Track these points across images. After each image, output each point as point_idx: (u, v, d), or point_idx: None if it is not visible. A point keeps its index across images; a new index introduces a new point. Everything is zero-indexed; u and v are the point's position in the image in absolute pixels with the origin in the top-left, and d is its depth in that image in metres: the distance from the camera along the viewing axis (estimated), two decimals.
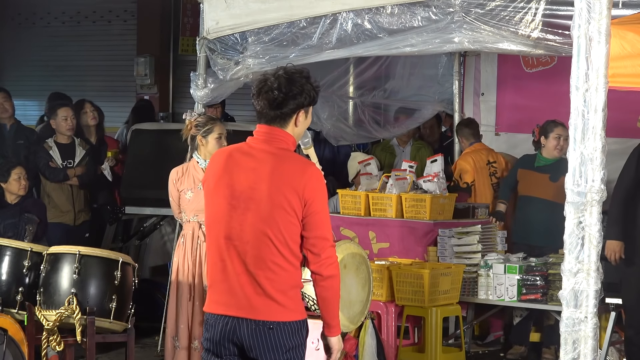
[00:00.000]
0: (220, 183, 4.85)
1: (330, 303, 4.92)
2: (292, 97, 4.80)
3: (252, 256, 4.77)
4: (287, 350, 4.78)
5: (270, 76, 4.83)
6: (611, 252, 8.08)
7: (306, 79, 4.83)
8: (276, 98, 4.79)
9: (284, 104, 4.80)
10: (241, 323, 4.77)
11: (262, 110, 4.84)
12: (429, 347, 8.67)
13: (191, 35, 14.70)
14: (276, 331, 4.76)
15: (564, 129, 9.50)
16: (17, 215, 9.17)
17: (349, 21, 8.35)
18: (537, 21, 7.64)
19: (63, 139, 10.54)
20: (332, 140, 11.70)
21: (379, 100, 11.92)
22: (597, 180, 5.54)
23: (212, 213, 4.88)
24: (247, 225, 4.77)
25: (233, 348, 4.80)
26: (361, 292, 7.29)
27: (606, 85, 5.54)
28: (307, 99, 4.84)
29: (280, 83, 4.78)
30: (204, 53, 9.20)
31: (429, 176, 9.62)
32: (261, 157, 4.81)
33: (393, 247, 9.52)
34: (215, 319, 4.82)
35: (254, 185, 4.78)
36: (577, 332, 5.55)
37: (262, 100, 4.82)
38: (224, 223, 4.82)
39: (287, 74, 4.81)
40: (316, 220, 4.79)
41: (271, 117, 4.84)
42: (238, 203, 4.79)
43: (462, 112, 11.38)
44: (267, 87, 4.80)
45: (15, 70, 17.13)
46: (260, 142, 4.86)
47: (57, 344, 7.30)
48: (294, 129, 4.87)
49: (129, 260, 7.59)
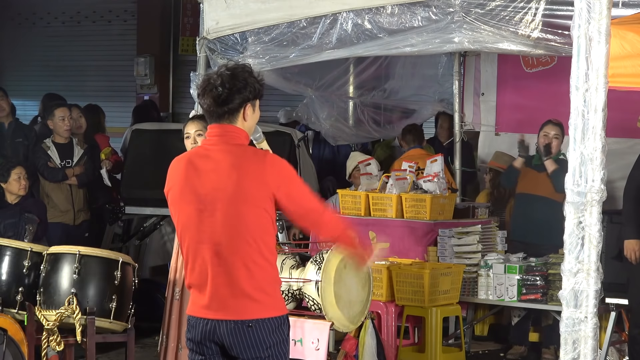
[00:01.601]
0: (184, 190, 4.87)
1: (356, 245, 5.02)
2: (236, 91, 4.82)
3: (226, 257, 4.78)
4: (268, 347, 4.80)
5: (213, 74, 4.86)
6: (630, 252, 8.03)
7: (249, 73, 4.86)
8: (220, 94, 4.81)
9: (229, 99, 4.82)
10: (220, 324, 4.80)
11: (209, 108, 4.86)
12: (429, 347, 8.67)
13: (191, 35, 14.71)
14: (255, 329, 4.78)
15: (553, 127, 9.50)
16: (18, 215, 9.17)
17: (349, 21, 8.35)
18: (537, 21, 7.64)
19: (61, 139, 10.53)
20: (330, 140, 11.71)
21: (378, 100, 11.92)
22: (597, 180, 5.54)
23: (181, 221, 4.90)
24: (218, 227, 4.78)
25: (215, 347, 4.85)
26: (361, 292, 7.29)
27: (606, 85, 5.55)
28: (252, 92, 4.86)
29: (223, 79, 4.81)
30: (204, 53, 9.19)
31: (429, 176, 9.62)
32: (218, 157, 4.84)
33: (393, 247, 9.51)
34: (195, 320, 4.87)
35: (217, 186, 4.80)
36: (577, 332, 5.55)
37: (208, 98, 4.84)
38: (194, 228, 4.84)
39: (229, 70, 4.85)
40: (295, 198, 4.83)
41: (219, 115, 4.86)
42: (205, 206, 4.81)
43: (462, 112, 11.37)
44: (210, 85, 4.83)
45: (15, 70, 17.14)
46: (214, 142, 4.88)
47: (57, 344, 7.30)
48: (243, 123, 4.88)
49: (129, 260, 7.60)
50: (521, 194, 9.73)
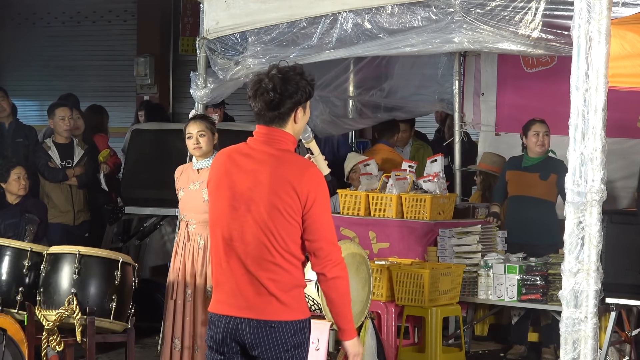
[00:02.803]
0: (221, 185, 4.87)
1: (338, 305, 4.89)
2: (288, 96, 4.79)
3: (252, 257, 4.78)
4: (289, 349, 4.79)
5: (264, 77, 4.81)
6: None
7: (300, 76, 4.82)
8: (273, 99, 4.79)
9: (281, 104, 4.80)
10: (243, 322, 4.79)
11: (260, 112, 4.84)
12: (429, 347, 8.67)
13: (191, 35, 14.72)
14: (278, 330, 4.77)
15: (541, 125, 9.51)
16: (18, 215, 9.17)
17: (349, 21, 8.35)
18: (537, 21, 7.64)
19: (61, 139, 10.53)
20: (318, 134, 11.68)
21: (377, 99, 11.92)
22: (597, 180, 5.55)
23: (214, 214, 4.90)
24: (248, 227, 4.78)
25: (235, 346, 4.83)
26: (361, 292, 7.30)
27: (606, 85, 5.55)
28: (304, 95, 4.83)
29: (275, 83, 4.78)
30: (204, 53, 9.19)
31: (429, 176, 9.62)
32: (261, 159, 4.82)
33: (393, 247, 9.51)
34: (218, 318, 4.85)
35: (253, 187, 4.79)
36: (577, 332, 5.56)
37: (259, 102, 4.82)
38: (225, 224, 4.84)
39: (280, 73, 4.80)
40: (318, 224, 4.79)
41: (269, 118, 4.84)
42: (239, 205, 4.81)
43: (462, 112, 11.37)
44: (262, 89, 4.80)
45: (15, 70, 17.15)
46: (259, 143, 4.87)
47: (57, 344, 7.30)
48: (293, 126, 4.87)
49: (129, 260, 7.59)
50: (513, 196, 9.72)
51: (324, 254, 4.80)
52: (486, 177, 10.70)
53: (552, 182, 9.40)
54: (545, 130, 9.51)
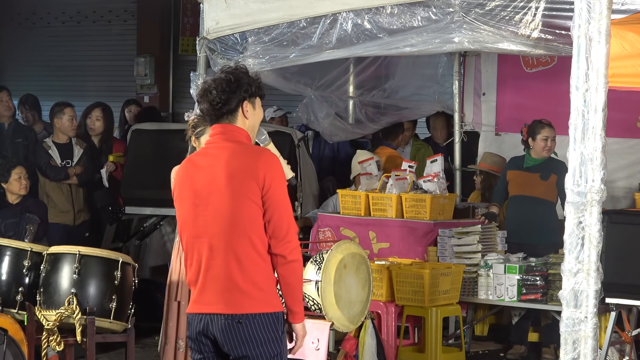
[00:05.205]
0: (183, 188, 4.96)
1: (293, 288, 4.92)
2: (231, 91, 4.91)
3: (219, 250, 4.83)
4: (259, 344, 4.79)
5: (209, 80, 4.98)
6: None
7: (243, 73, 4.96)
8: (215, 97, 4.92)
9: (228, 100, 4.92)
10: (212, 319, 4.83)
11: (208, 112, 4.97)
12: (429, 347, 8.67)
13: (191, 35, 14.69)
14: (246, 325, 4.79)
15: (550, 130, 9.53)
16: (18, 215, 9.18)
17: (349, 21, 8.36)
18: (537, 21, 7.64)
19: (61, 139, 10.53)
20: (327, 137, 11.69)
21: (378, 100, 11.92)
22: (597, 180, 5.55)
23: (180, 217, 4.99)
24: (212, 219, 4.84)
25: (209, 343, 4.88)
26: (361, 292, 7.30)
27: (606, 85, 5.55)
28: (247, 90, 4.94)
29: (218, 84, 4.92)
30: (204, 53, 9.19)
31: (429, 176, 9.62)
32: (215, 153, 4.91)
33: (393, 247, 9.51)
34: (192, 317, 4.92)
35: (211, 181, 4.86)
36: (577, 332, 5.56)
37: (204, 103, 4.96)
38: (190, 224, 4.91)
39: (223, 72, 4.96)
40: (276, 204, 4.84)
41: (218, 116, 4.96)
42: (200, 201, 4.88)
43: (462, 112, 11.38)
44: (206, 90, 4.94)
45: (16, 70, 17.13)
46: (215, 140, 4.97)
47: (57, 344, 7.30)
48: (244, 121, 4.96)
49: (129, 260, 7.60)
50: (514, 196, 9.73)
51: (282, 234, 4.83)
52: (486, 177, 10.70)
53: (552, 183, 9.42)
54: (553, 135, 9.54)
